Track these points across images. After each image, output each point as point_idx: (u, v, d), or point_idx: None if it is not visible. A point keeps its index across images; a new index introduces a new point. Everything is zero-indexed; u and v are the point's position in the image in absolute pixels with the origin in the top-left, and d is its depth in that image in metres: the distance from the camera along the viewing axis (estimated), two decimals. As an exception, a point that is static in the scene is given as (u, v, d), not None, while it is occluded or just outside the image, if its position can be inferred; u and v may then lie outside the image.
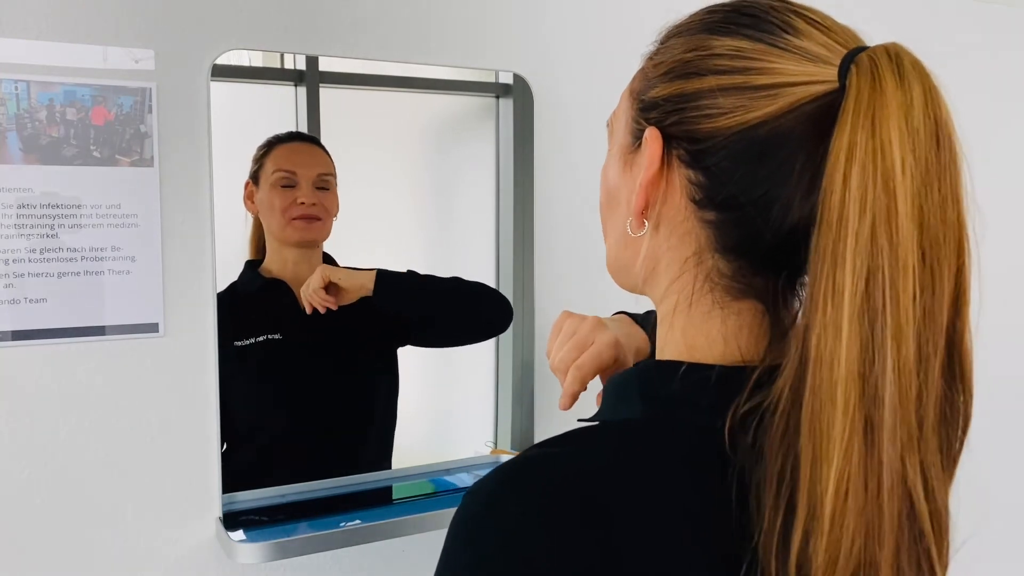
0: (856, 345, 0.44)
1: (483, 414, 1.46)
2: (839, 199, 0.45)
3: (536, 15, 1.40)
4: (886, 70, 0.46)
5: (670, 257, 0.55)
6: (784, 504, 0.45)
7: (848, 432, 0.44)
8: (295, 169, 1.25)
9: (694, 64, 0.52)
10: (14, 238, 1.08)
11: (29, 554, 1.11)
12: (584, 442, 0.52)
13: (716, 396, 0.50)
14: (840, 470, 0.44)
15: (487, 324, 1.41)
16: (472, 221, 1.44)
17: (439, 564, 0.49)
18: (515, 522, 0.46)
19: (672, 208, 0.54)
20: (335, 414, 1.33)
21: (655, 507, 0.47)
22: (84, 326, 1.11)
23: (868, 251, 0.44)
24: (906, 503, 0.45)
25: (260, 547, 1.10)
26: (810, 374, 0.45)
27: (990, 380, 0.67)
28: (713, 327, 0.54)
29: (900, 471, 0.44)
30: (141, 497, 1.16)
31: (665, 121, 0.53)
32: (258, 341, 1.26)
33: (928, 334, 0.45)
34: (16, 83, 1.06)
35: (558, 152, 1.43)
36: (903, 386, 0.44)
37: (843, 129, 0.46)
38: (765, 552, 0.45)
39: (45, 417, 1.10)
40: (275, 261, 1.28)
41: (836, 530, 0.44)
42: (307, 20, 1.23)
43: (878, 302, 0.44)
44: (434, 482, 1.36)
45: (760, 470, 0.47)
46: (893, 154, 0.44)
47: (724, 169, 0.51)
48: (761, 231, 0.51)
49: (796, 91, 0.49)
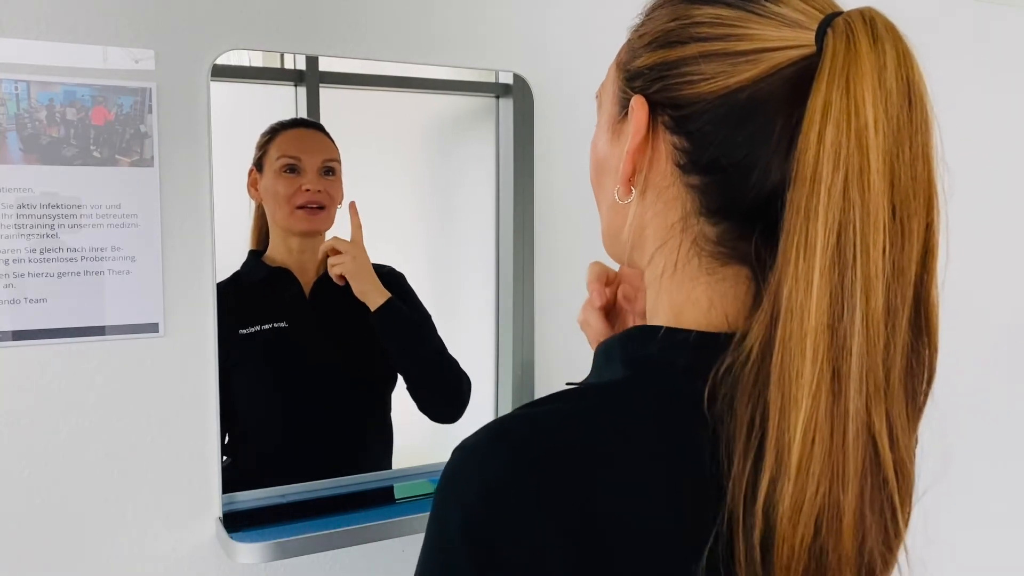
0: (826, 297, 0.46)
1: (483, 414, 1.46)
2: (813, 155, 0.46)
3: (536, 15, 1.40)
4: (860, 32, 0.47)
5: (657, 223, 0.57)
6: (753, 452, 0.47)
7: (816, 381, 0.45)
8: (300, 155, 1.24)
9: (676, 33, 0.54)
10: (14, 238, 1.08)
11: (29, 554, 1.11)
12: (567, 401, 0.54)
13: (694, 358, 0.52)
14: (807, 418, 0.45)
15: (440, 410, 1.36)
16: (472, 221, 1.44)
17: (430, 518, 0.51)
18: (499, 475, 0.48)
19: (658, 174, 0.56)
20: (338, 401, 1.33)
21: (631, 461, 0.49)
22: (84, 326, 1.11)
23: (840, 206, 0.46)
24: (871, 451, 0.46)
25: (260, 547, 1.10)
26: (780, 325, 0.47)
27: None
28: (699, 291, 0.55)
29: (866, 420, 0.46)
30: (141, 497, 1.16)
31: (650, 89, 0.55)
32: (263, 329, 1.25)
33: (896, 287, 0.46)
34: (16, 83, 1.06)
35: (558, 152, 1.43)
36: (871, 337, 0.46)
37: (819, 89, 0.47)
38: (734, 498, 0.47)
39: (45, 417, 1.10)
40: (279, 250, 1.28)
41: (802, 476, 0.45)
42: (307, 20, 1.23)
43: (848, 255, 0.46)
44: (434, 482, 1.35)
45: (731, 422, 0.48)
46: (866, 112, 0.46)
47: (707, 133, 0.52)
48: (743, 193, 0.52)
49: (775, 56, 0.50)
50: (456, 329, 1.43)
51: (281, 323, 1.26)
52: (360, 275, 1.26)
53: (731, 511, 0.47)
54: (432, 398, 1.34)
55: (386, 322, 1.27)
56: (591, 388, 0.57)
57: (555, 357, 1.45)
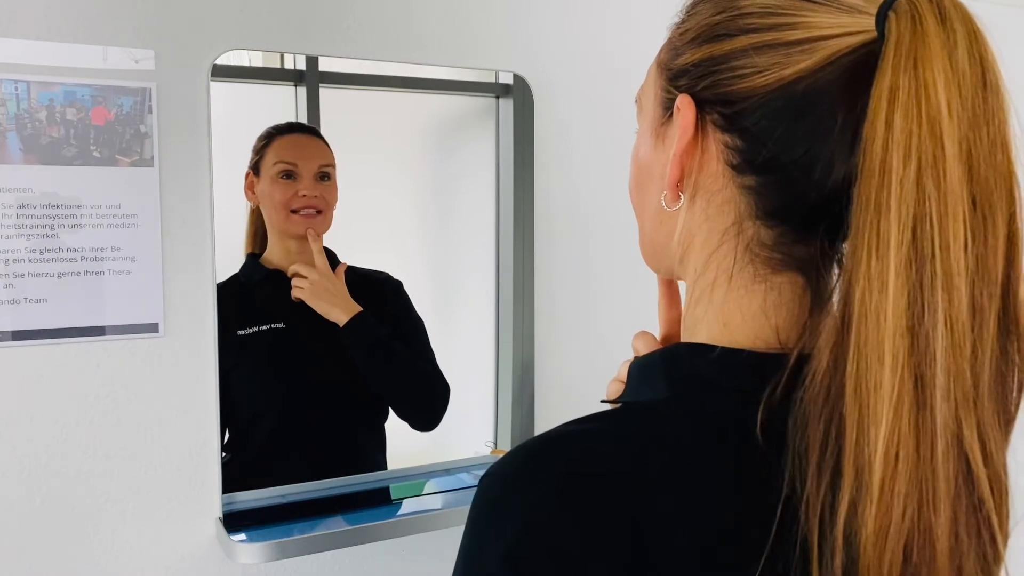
0: (903, 298, 0.42)
1: (483, 414, 1.46)
2: (881, 145, 0.42)
3: (536, 15, 1.40)
4: (927, 12, 0.43)
5: (708, 228, 0.53)
6: (829, 472, 0.43)
7: (898, 390, 0.41)
8: (296, 161, 1.26)
9: (723, 26, 0.50)
10: (14, 238, 1.08)
11: (29, 554, 1.11)
12: (605, 421, 0.50)
13: (743, 378, 0.49)
14: (890, 432, 0.41)
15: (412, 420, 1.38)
16: (472, 221, 1.44)
17: (463, 550, 0.47)
18: (538, 504, 0.45)
19: (708, 176, 0.52)
20: (335, 401, 1.33)
21: (678, 486, 0.46)
22: (84, 326, 1.11)
23: (914, 198, 0.42)
24: (963, 467, 0.42)
25: (260, 547, 1.10)
26: (854, 331, 0.43)
27: None
28: (754, 302, 0.51)
29: (956, 432, 0.41)
30: (141, 497, 1.16)
31: (697, 86, 0.51)
32: (262, 330, 1.26)
33: (981, 285, 0.42)
34: (16, 83, 1.06)
35: (558, 152, 1.43)
36: (956, 340, 0.41)
37: (884, 73, 0.43)
38: (808, 523, 0.43)
39: (45, 417, 1.10)
40: (276, 252, 1.29)
41: (887, 496, 0.41)
42: (307, 20, 1.23)
43: (926, 251, 0.41)
44: (434, 482, 1.36)
45: (800, 441, 0.44)
46: (938, 95, 0.42)
47: (762, 129, 0.48)
48: (805, 191, 0.49)
49: (832, 44, 0.46)
50: (456, 330, 1.43)
51: (279, 324, 1.27)
52: (318, 298, 1.28)
53: (805, 537, 0.43)
54: (402, 410, 1.36)
55: (348, 340, 1.29)
56: (633, 408, 0.53)
57: (555, 357, 1.46)
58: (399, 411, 1.36)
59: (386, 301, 1.35)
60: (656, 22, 0.58)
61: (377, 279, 1.34)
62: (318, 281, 1.28)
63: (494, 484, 0.48)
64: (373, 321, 1.30)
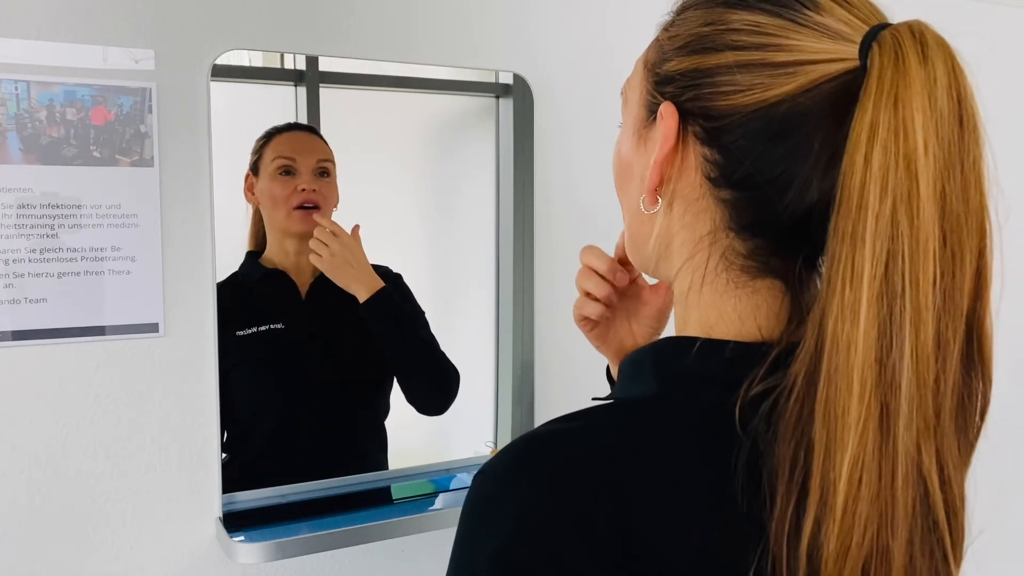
0: (874, 330, 0.43)
1: (483, 414, 1.46)
2: (860, 180, 0.44)
3: (536, 15, 1.40)
4: (909, 49, 0.44)
5: (684, 235, 0.54)
6: (796, 490, 0.45)
7: (864, 418, 0.43)
8: (295, 156, 1.25)
9: (711, 39, 0.51)
10: (14, 238, 1.08)
11: (29, 554, 1.11)
12: (596, 418, 0.51)
13: (730, 372, 0.50)
14: (854, 456, 0.43)
15: (428, 400, 1.37)
16: (472, 221, 1.44)
17: (455, 548, 0.48)
18: (530, 502, 0.46)
19: (687, 185, 0.53)
20: (334, 401, 1.33)
21: (667, 483, 0.47)
22: (84, 326, 1.11)
23: (888, 234, 0.43)
24: (921, 491, 0.44)
25: (260, 547, 1.10)
26: (826, 359, 0.44)
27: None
28: (728, 305, 0.53)
29: (915, 459, 0.44)
30: (141, 497, 1.16)
31: (681, 96, 0.52)
32: (260, 330, 1.26)
33: (948, 319, 0.44)
34: (16, 83, 1.06)
35: (558, 152, 1.43)
36: (920, 372, 0.43)
37: (865, 109, 0.44)
38: (776, 539, 0.45)
39: (45, 417, 1.10)
40: (276, 252, 1.28)
41: (848, 517, 0.43)
42: (307, 20, 1.23)
43: (897, 286, 0.43)
44: (434, 482, 1.36)
45: (773, 456, 0.46)
46: (916, 135, 0.43)
47: (741, 147, 0.50)
48: (778, 211, 0.50)
49: (816, 69, 0.47)
50: (456, 329, 1.43)
51: (278, 324, 1.27)
52: (337, 270, 1.26)
53: (773, 553, 0.45)
54: (421, 387, 1.35)
55: (374, 312, 1.27)
56: (623, 404, 0.54)
57: (555, 357, 1.45)
58: (415, 387, 1.34)
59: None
60: (656, 22, 0.58)
61: (377, 271, 1.34)
62: (339, 252, 1.26)
63: (486, 482, 0.49)
64: (397, 298, 1.29)
